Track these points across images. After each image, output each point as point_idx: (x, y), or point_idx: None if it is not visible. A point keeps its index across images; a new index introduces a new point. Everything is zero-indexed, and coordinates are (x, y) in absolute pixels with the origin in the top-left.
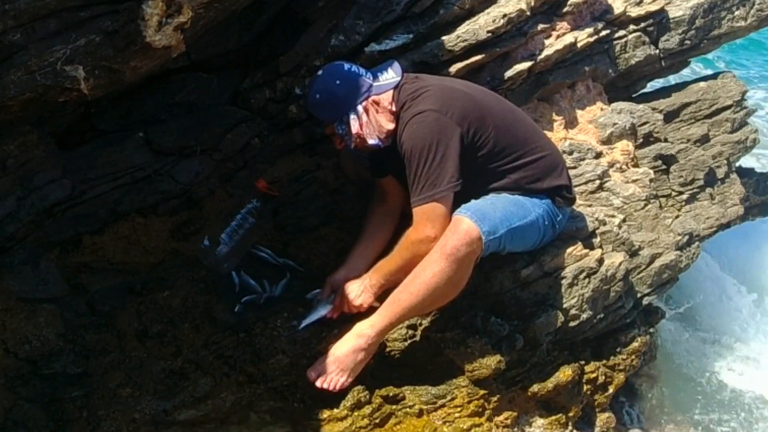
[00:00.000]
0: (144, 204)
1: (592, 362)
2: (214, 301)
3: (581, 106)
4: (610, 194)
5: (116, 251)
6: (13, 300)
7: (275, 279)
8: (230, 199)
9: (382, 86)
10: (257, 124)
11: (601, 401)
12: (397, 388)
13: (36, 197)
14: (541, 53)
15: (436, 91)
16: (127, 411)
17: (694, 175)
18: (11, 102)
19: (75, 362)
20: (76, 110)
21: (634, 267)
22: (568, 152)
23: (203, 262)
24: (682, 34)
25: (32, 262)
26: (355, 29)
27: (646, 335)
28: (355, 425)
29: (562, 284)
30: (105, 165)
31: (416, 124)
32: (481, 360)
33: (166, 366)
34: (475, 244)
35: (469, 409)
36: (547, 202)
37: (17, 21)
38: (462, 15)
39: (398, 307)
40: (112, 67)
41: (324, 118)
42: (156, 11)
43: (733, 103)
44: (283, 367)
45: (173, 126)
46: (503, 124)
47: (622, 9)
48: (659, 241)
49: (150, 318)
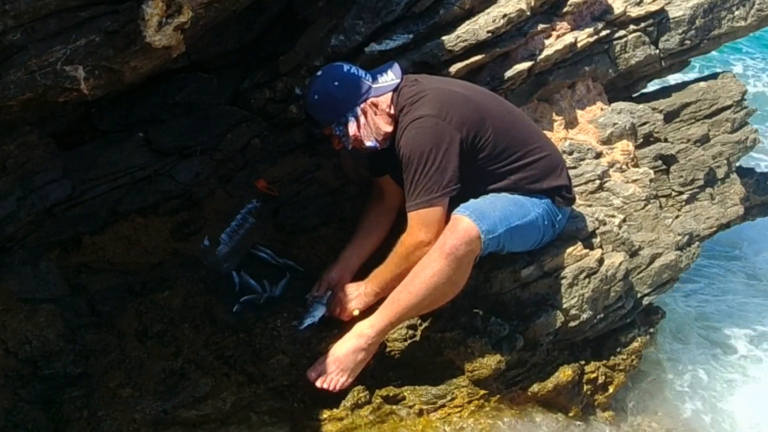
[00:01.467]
0: (144, 204)
1: (592, 362)
2: (214, 301)
3: (581, 106)
4: (610, 194)
5: (116, 251)
6: (13, 300)
7: (275, 279)
8: (230, 199)
9: (381, 88)
10: (257, 124)
11: (601, 401)
12: (397, 388)
13: (36, 197)
14: (541, 53)
15: (435, 96)
16: (127, 411)
17: (694, 175)
18: (11, 102)
19: (75, 362)
20: (76, 110)
21: (634, 267)
22: (568, 152)
23: (203, 262)
24: (682, 34)
25: (32, 262)
26: (355, 29)
27: (646, 335)
28: (355, 425)
29: (562, 284)
30: (105, 165)
31: (415, 130)
32: (481, 360)
33: (166, 366)
34: (474, 243)
35: (469, 409)
36: (547, 202)
37: (17, 21)
38: (462, 15)
39: (398, 307)
40: (112, 67)
41: (322, 120)
42: (156, 11)
43: (733, 103)
44: (283, 367)
45: (173, 126)
46: (503, 125)
47: (622, 9)
48: (659, 241)
49: (150, 318)
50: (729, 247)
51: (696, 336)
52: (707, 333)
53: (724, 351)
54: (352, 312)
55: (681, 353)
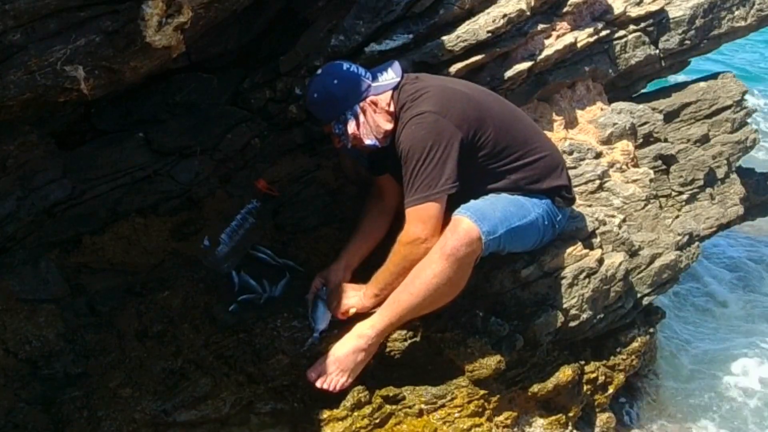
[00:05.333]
0: (144, 204)
1: (592, 362)
2: (214, 301)
3: (581, 106)
4: (610, 194)
5: (116, 251)
6: (13, 300)
7: (275, 279)
8: (230, 199)
9: (380, 87)
10: (257, 124)
11: (601, 401)
12: (397, 388)
13: (36, 197)
14: (541, 53)
15: (436, 93)
16: (127, 411)
17: (694, 175)
18: (11, 102)
19: (75, 362)
20: (76, 110)
21: (634, 267)
22: (568, 152)
23: (203, 262)
24: (682, 34)
25: (32, 262)
26: (355, 29)
27: (646, 335)
28: (355, 425)
29: (562, 284)
30: (105, 165)
31: (415, 126)
32: (481, 360)
33: (166, 366)
34: (474, 244)
35: (469, 409)
36: (547, 202)
37: (17, 21)
38: (462, 15)
39: (398, 308)
40: (112, 67)
41: (322, 118)
42: (156, 11)
43: (733, 103)
44: (283, 367)
45: (173, 126)
46: (503, 124)
47: (622, 9)
48: (659, 241)
49: (150, 318)
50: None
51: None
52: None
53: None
54: (349, 311)
55: None
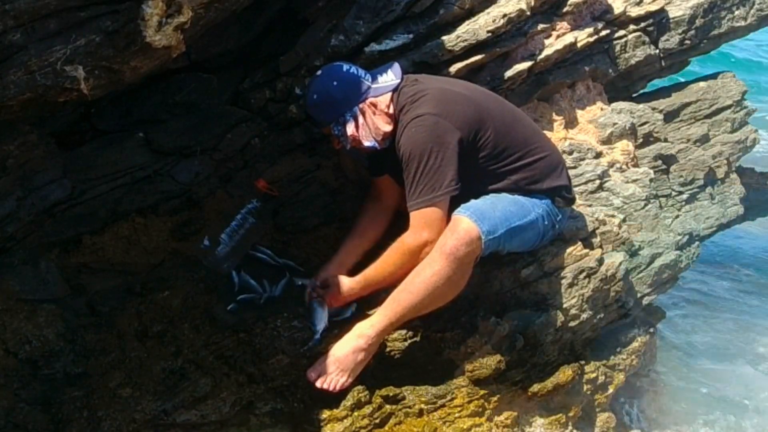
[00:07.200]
0: (144, 204)
1: (592, 362)
2: (214, 301)
3: (581, 106)
4: (610, 194)
5: (116, 251)
6: (13, 300)
7: (275, 279)
8: (230, 199)
9: (380, 88)
10: (257, 124)
11: (601, 401)
12: (397, 388)
13: (36, 197)
14: (541, 53)
15: (436, 95)
16: (127, 411)
17: (694, 175)
18: (11, 102)
19: (75, 362)
20: (76, 110)
21: (634, 267)
22: (568, 152)
23: (203, 262)
24: (682, 34)
25: (32, 262)
26: (355, 29)
27: (646, 335)
28: (355, 425)
29: (562, 284)
30: (105, 165)
31: (415, 128)
32: (481, 360)
33: (166, 366)
34: (474, 244)
35: (469, 409)
36: (547, 202)
37: (17, 21)
38: (462, 15)
39: (398, 307)
40: (112, 67)
41: (321, 119)
42: (156, 11)
43: (733, 103)
44: (283, 367)
45: (173, 126)
46: (503, 125)
47: (622, 9)
48: (659, 241)
49: (150, 318)
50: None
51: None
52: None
53: None
54: (344, 299)
55: None
